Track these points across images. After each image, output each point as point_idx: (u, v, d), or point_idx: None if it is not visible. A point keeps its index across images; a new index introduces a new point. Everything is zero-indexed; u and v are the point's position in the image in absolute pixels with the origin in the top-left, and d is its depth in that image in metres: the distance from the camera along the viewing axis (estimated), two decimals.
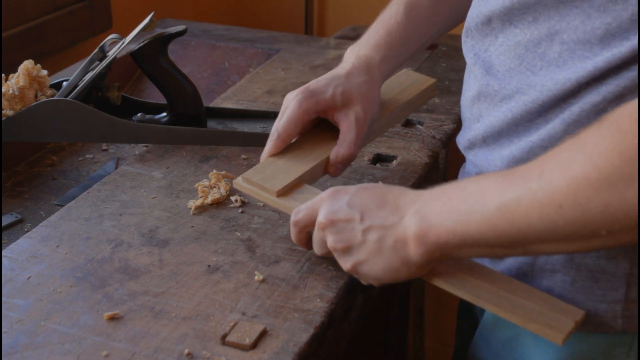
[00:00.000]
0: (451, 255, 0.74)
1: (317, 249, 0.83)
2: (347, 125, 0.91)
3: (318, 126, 0.96)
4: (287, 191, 0.89)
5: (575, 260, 0.77)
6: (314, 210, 0.82)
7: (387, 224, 0.76)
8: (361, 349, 1.46)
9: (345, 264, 0.79)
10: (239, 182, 0.91)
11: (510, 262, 0.82)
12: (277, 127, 0.91)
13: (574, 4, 0.73)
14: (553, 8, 0.75)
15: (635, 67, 0.70)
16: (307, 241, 0.85)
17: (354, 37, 1.88)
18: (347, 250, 0.78)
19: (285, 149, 0.93)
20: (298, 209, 0.84)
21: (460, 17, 1.00)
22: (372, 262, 0.77)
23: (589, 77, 0.72)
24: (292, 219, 0.84)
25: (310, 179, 0.92)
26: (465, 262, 0.80)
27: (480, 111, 0.84)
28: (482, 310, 0.90)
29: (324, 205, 0.80)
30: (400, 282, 0.79)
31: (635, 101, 0.62)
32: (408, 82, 1.07)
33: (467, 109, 0.87)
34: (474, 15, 0.85)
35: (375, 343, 1.54)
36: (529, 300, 0.76)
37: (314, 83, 0.93)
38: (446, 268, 0.79)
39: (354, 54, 0.97)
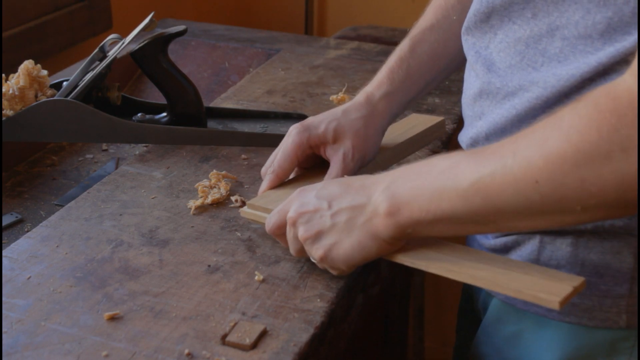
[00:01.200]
0: (421, 233, 0.75)
1: (292, 248, 0.83)
2: (335, 160, 0.93)
3: (322, 164, 0.97)
4: None
5: (580, 256, 0.77)
6: (284, 212, 0.83)
7: (355, 204, 0.77)
8: (361, 349, 1.46)
9: (317, 251, 0.79)
10: (245, 210, 0.92)
11: (514, 258, 0.81)
12: (273, 162, 0.94)
13: None
14: (552, 4, 0.75)
15: None
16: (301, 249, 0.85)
17: (353, 37, 1.88)
18: (317, 236, 0.79)
19: (285, 183, 0.95)
20: (269, 216, 0.85)
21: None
22: (342, 243, 0.78)
23: (593, 72, 0.72)
24: (266, 228, 0.85)
25: None
26: (433, 240, 0.80)
27: (482, 109, 0.84)
28: (485, 308, 0.90)
29: (292, 203, 0.82)
30: (400, 281, 0.79)
31: (614, 82, 0.63)
32: (415, 122, 1.07)
33: (469, 107, 0.87)
34: (473, 12, 0.85)
35: (375, 343, 1.54)
36: (523, 272, 0.74)
37: (312, 118, 0.95)
38: (416, 246, 0.79)
39: (360, 93, 0.98)
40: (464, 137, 0.89)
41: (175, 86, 1.12)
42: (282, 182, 0.94)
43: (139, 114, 1.15)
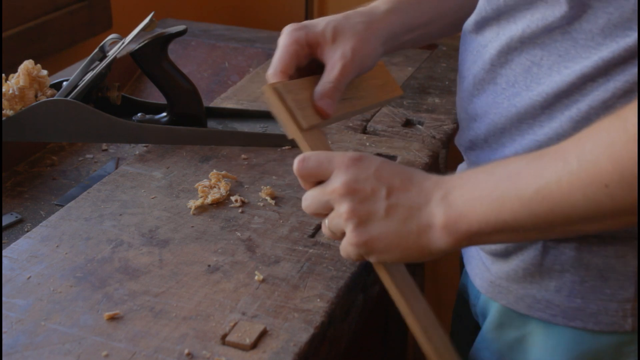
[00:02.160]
0: (478, 243, 0.73)
1: (314, 208, 0.78)
2: (333, 61, 0.85)
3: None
4: (314, 129, 0.83)
5: (584, 260, 0.77)
6: (327, 165, 0.76)
7: (413, 206, 0.73)
8: (361, 349, 1.46)
9: (359, 236, 0.75)
10: (269, 90, 0.81)
11: (517, 264, 0.81)
12: (273, 63, 0.86)
13: None
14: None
15: None
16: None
17: None
18: (366, 222, 0.74)
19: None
20: (306, 156, 0.78)
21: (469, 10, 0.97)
22: (388, 239, 0.74)
23: (594, 69, 0.72)
24: (298, 165, 0.78)
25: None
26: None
27: (477, 110, 0.83)
28: (484, 313, 0.89)
29: (345, 170, 0.75)
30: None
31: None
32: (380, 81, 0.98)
33: (463, 109, 0.86)
34: (476, 14, 0.84)
35: (375, 343, 1.54)
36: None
37: (309, 20, 0.88)
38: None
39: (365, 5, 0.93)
40: (461, 140, 0.88)
41: (175, 86, 1.12)
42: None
43: (139, 114, 1.15)
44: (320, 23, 0.86)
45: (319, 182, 0.77)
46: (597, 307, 0.77)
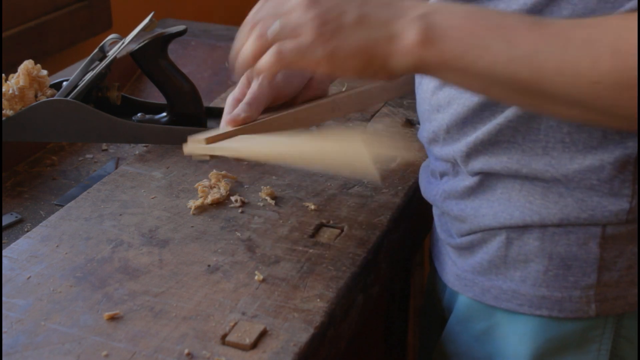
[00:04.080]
0: (439, 76, 0.71)
1: (263, 24, 0.73)
2: None
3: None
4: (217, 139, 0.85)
5: (547, 250, 0.78)
6: None
7: (388, 18, 0.69)
8: (361, 349, 1.46)
9: (322, 36, 0.69)
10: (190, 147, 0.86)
11: (482, 256, 0.82)
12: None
13: None
14: None
15: None
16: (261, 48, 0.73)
17: None
18: (333, 27, 0.69)
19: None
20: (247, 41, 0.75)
21: None
22: (352, 48, 0.69)
23: None
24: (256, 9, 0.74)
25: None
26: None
27: (439, 101, 0.82)
28: (450, 307, 0.90)
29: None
30: (400, 280, 0.79)
31: None
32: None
33: (425, 101, 0.85)
34: None
35: (375, 343, 1.54)
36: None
37: None
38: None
39: None
40: (424, 133, 0.88)
41: (175, 86, 1.12)
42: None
43: (139, 114, 1.15)
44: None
45: None
46: (562, 295, 0.78)
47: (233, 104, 0.90)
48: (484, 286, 0.82)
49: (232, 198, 1.00)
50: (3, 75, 1.11)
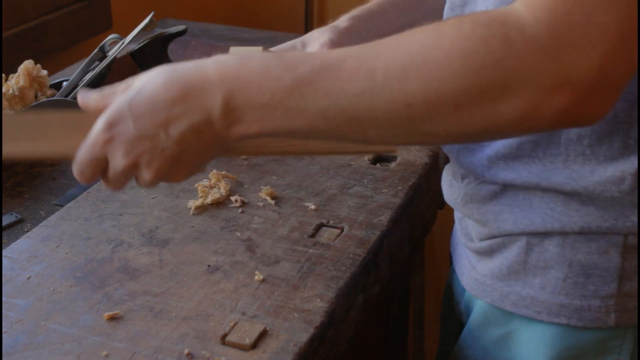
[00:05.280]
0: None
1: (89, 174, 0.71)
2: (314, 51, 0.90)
3: None
4: None
5: (567, 257, 0.77)
6: (91, 156, 0.70)
7: (196, 126, 0.66)
8: (361, 349, 1.46)
9: (156, 173, 0.68)
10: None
11: (501, 262, 0.81)
12: None
13: None
14: None
15: None
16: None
17: None
18: (169, 167, 0.68)
19: None
20: (77, 159, 0.70)
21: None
22: (187, 162, 0.68)
23: None
24: (75, 172, 0.71)
25: None
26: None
27: None
28: (467, 311, 0.90)
29: (103, 142, 0.69)
30: (400, 281, 0.79)
31: (504, 9, 0.60)
32: None
33: None
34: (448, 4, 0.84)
35: (375, 343, 1.54)
36: None
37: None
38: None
39: None
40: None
41: None
42: None
43: None
44: (292, 42, 0.93)
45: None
46: (581, 303, 0.77)
47: None
48: (503, 292, 0.81)
49: (232, 198, 1.00)
50: (3, 75, 1.11)
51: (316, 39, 0.91)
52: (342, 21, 0.96)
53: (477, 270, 0.85)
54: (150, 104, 0.67)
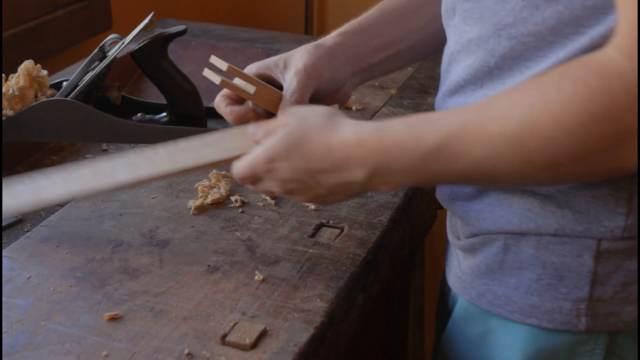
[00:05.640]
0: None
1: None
2: (288, 79, 0.91)
3: None
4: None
5: (542, 258, 0.77)
6: (254, 173, 0.81)
7: (344, 181, 0.76)
8: (361, 349, 1.46)
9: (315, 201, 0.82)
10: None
11: (481, 259, 0.82)
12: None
13: None
14: (499, 2, 0.74)
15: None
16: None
17: None
18: (315, 200, 0.81)
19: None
20: (237, 164, 0.83)
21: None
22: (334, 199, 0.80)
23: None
24: (236, 175, 0.83)
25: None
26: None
27: (458, 60, 0.82)
28: (452, 309, 0.90)
29: (264, 172, 0.80)
30: (400, 281, 0.80)
31: (599, 58, 0.64)
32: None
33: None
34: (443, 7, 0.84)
35: (375, 343, 1.54)
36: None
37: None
38: None
39: None
40: (439, 95, 0.88)
41: (175, 86, 1.12)
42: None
43: (139, 114, 1.15)
44: (272, 60, 0.94)
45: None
46: (552, 305, 0.78)
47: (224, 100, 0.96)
48: (480, 290, 0.82)
49: (232, 198, 1.00)
50: (3, 75, 1.11)
51: (294, 63, 0.91)
52: (330, 38, 0.96)
53: (460, 268, 0.85)
54: (305, 162, 0.77)
